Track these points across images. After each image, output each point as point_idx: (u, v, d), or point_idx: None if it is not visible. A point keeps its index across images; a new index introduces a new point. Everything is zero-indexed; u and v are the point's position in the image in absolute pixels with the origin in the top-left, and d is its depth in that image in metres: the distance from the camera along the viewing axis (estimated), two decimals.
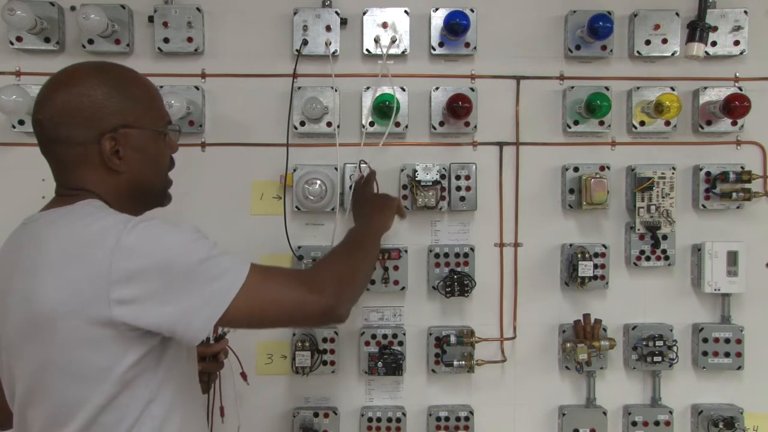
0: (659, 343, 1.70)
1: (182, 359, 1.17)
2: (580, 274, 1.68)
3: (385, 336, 1.71)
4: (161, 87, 1.66)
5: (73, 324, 1.02)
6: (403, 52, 1.70)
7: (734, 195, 1.69)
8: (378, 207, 1.56)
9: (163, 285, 1.03)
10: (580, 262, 1.68)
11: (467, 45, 1.70)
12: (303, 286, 1.14)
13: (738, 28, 1.72)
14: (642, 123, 1.73)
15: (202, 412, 1.29)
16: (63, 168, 1.16)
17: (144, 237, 1.03)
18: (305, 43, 1.68)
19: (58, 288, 1.02)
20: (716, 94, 1.72)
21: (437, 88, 1.71)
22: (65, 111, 1.11)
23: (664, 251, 1.72)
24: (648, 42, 1.71)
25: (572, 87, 1.72)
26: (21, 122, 1.66)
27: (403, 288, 1.70)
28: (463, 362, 1.68)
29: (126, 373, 1.05)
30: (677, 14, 1.70)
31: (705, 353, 1.73)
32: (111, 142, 1.12)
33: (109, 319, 1.01)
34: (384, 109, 1.65)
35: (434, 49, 1.71)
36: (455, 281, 1.69)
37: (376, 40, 1.69)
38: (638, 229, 1.71)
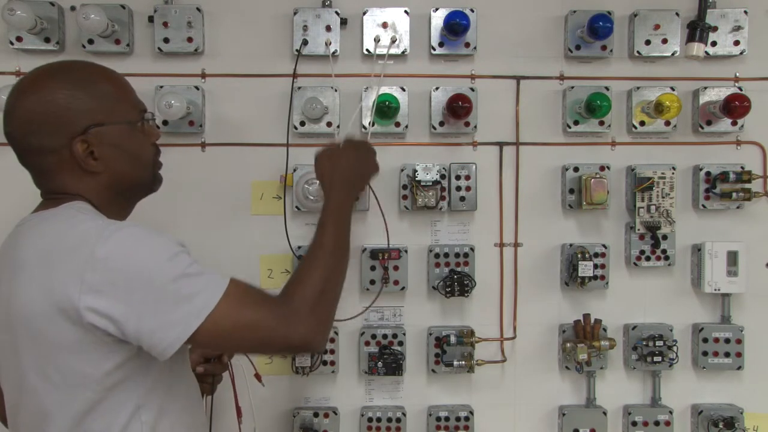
0: (659, 343, 1.70)
1: (175, 363, 1.12)
2: (580, 274, 1.68)
3: (385, 336, 1.71)
4: (161, 87, 1.66)
5: (50, 327, 1.00)
6: (403, 52, 1.70)
7: (734, 195, 1.69)
8: (354, 163, 1.41)
9: (134, 299, 0.99)
10: (580, 262, 1.68)
11: (467, 45, 1.70)
12: (278, 315, 1.08)
13: (738, 28, 1.72)
14: (642, 123, 1.73)
15: (199, 415, 1.26)
16: (42, 176, 1.13)
17: (118, 248, 1.00)
18: (305, 43, 1.68)
19: (33, 292, 1.01)
20: (716, 94, 1.72)
21: (437, 88, 1.71)
22: (31, 120, 1.07)
23: (664, 251, 1.72)
24: (648, 42, 1.71)
25: (572, 87, 1.72)
26: None
27: (403, 288, 1.70)
28: (463, 362, 1.68)
29: (107, 378, 1.03)
30: (677, 14, 1.70)
31: (705, 353, 1.73)
32: (83, 144, 1.08)
33: (82, 324, 0.99)
34: (384, 109, 1.65)
35: (434, 49, 1.71)
36: (455, 281, 1.69)
37: (376, 40, 1.69)
38: (638, 229, 1.71)
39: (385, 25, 1.69)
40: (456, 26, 1.63)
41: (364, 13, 1.69)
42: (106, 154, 1.11)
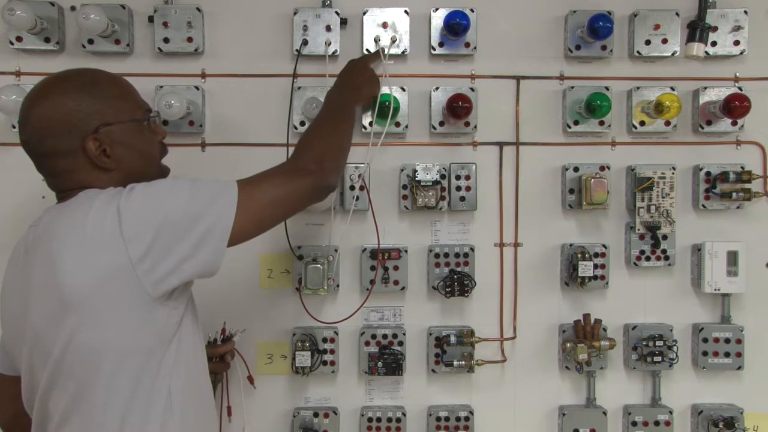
0: (659, 343, 1.70)
1: (191, 348, 1.20)
2: (580, 274, 1.68)
3: (385, 336, 1.71)
4: (161, 87, 1.66)
5: (105, 300, 1.06)
6: (403, 52, 1.70)
7: (734, 195, 1.69)
8: (366, 78, 1.61)
9: (172, 229, 1.07)
10: (580, 262, 1.68)
11: (467, 45, 1.70)
12: (289, 175, 1.22)
13: (738, 28, 1.72)
14: (642, 123, 1.73)
15: (211, 407, 1.30)
16: (59, 178, 1.19)
17: (139, 198, 1.09)
18: (305, 43, 1.68)
19: (80, 271, 1.06)
20: (716, 94, 1.72)
21: (437, 88, 1.71)
22: (44, 126, 1.15)
23: (664, 251, 1.72)
24: (648, 42, 1.71)
25: (572, 87, 1.72)
26: None
27: (403, 288, 1.70)
28: (463, 362, 1.68)
29: (156, 347, 1.11)
30: (677, 14, 1.70)
31: (705, 353, 1.73)
32: (95, 142, 1.16)
33: (138, 279, 1.05)
34: (384, 109, 1.65)
35: (434, 49, 1.71)
36: (455, 281, 1.69)
37: (376, 40, 1.69)
38: (638, 229, 1.71)
39: (385, 25, 1.69)
40: (456, 26, 1.63)
41: (364, 13, 1.69)
42: (118, 152, 1.18)
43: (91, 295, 1.06)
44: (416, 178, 1.67)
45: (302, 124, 1.69)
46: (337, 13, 1.68)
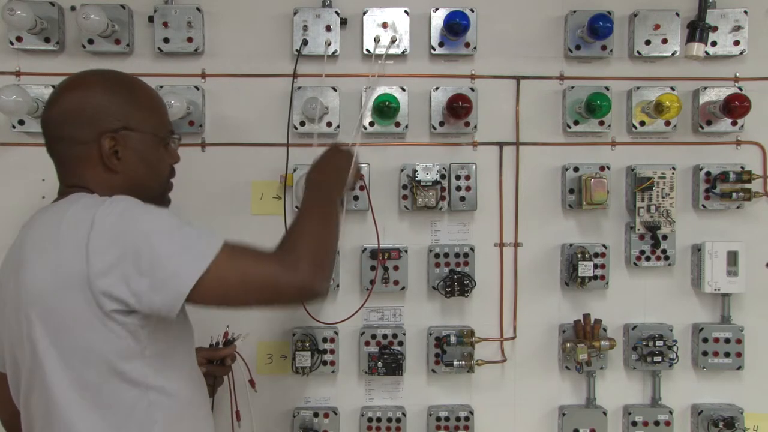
0: (659, 343, 1.70)
1: (185, 355, 1.20)
2: (580, 274, 1.68)
3: (385, 336, 1.71)
4: (161, 87, 1.66)
5: (61, 304, 1.04)
6: (403, 52, 1.70)
7: (734, 195, 1.69)
8: (334, 165, 1.46)
9: (137, 256, 1.03)
10: (580, 262, 1.68)
11: (467, 45, 1.70)
12: (277, 262, 1.12)
13: (738, 28, 1.72)
14: (642, 123, 1.73)
15: (205, 410, 1.28)
16: (65, 166, 1.20)
17: (119, 214, 1.05)
18: (305, 43, 1.68)
19: (41, 272, 1.05)
20: (716, 94, 1.72)
21: (437, 88, 1.71)
22: (70, 111, 1.16)
23: (664, 251, 1.72)
24: (648, 42, 1.71)
25: (572, 87, 1.72)
26: (21, 122, 1.66)
27: (403, 288, 1.70)
28: (463, 362, 1.68)
29: (116, 357, 1.07)
30: (677, 14, 1.70)
31: (705, 353, 1.73)
32: (111, 141, 1.16)
33: (93, 295, 1.03)
34: (384, 109, 1.65)
35: (434, 49, 1.71)
36: (455, 281, 1.69)
37: (376, 40, 1.69)
38: (638, 229, 1.71)
39: (385, 25, 1.69)
40: (456, 26, 1.63)
41: (364, 13, 1.69)
42: (128, 157, 1.18)
43: (47, 298, 1.05)
44: (416, 178, 1.67)
45: (302, 124, 1.69)
46: (337, 13, 1.68)
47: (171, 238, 1.06)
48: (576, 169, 1.72)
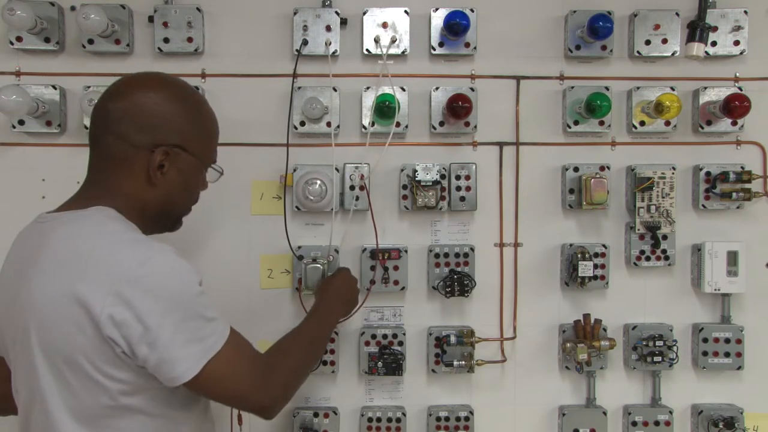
0: (659, 343, 1.70)
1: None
2: (580, 274, 1.68)
3: (385, 336, 1.71)
4: None
5: (64, 328, 1.02)
6: (403, 52, 1.70)
7: (734, 195, 1.69)
8: (344, 299, 1.54)
9: (157, 324, 1.01)
10: (580, 262, 1.68)
11: (467, 45, 1.70)
12: (259, 376, 1.12)
13: (738, 28, 1.72)
14: (642, 123, 1.73)
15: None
16: (103, 162, 1.16)
17: (149, 274, 1.02)
18: (305, 43, 1.68)
19: (54, 288, 1.02)
20: (716, 94, 1.72)
21: (437, 88, 1.71)
22: (134, 109, 1.13)
23: (664, 251, 1.72)
24: (648, 42, 1.71)
25: (572, 87, 1.72)
26: (21, 122, 1.66)
27: (403, 288, 1.70)
28: (463, 362, 1.68)
29: (116, 387, 1.05)
30: (677, 14, 1.70)
31: (705, 353, 1.73)
32: (162, 155, 1.15)
33: (98, 332, 1.01)
34: (384, 109, 1.65)
35: (434, 49, 1.71)
36: (455, 281, 1.69)
37: (376, 40, 1.69)
38: (638, 229, 1.71)
39: (385, 25, 1.69)
40: (456, 26, 1.63)
41: (364, 13, 1.69)
42: (172, 175, 1.17)
43: (52, 317, 1.03)
44: (416, 178, 1.67)
45: (302, 124, 1.69)
46: (337, 13, 1.68)
47: (192, 322, 1.05)
48: (576, 169, 1.72)
